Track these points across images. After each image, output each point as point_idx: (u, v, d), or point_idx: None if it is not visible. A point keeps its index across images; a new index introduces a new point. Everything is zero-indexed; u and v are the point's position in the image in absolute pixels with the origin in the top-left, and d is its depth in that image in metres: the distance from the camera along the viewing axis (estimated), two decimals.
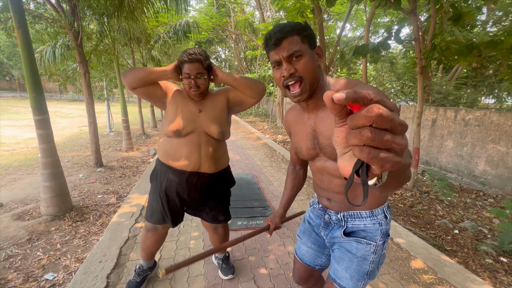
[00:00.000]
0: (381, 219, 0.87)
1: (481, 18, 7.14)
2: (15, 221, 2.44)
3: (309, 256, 1.07)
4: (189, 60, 1.24)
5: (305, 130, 0.88)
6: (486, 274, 1.94)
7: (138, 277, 1.58)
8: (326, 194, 0.93)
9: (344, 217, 0.91)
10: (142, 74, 1.27)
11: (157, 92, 1.34)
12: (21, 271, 1.81)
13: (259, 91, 1.34)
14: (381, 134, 0.27)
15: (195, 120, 1.32)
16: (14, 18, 2.21)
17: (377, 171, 0.30)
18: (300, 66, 0.75)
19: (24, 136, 6.93)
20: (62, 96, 26.89)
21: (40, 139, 2.47)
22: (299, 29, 0.76)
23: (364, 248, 0.87)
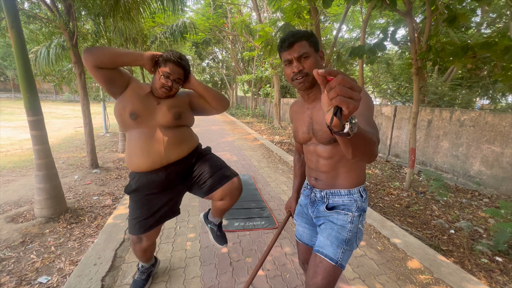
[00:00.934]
0: (356, 197, 1.05)
1: (475, 20, 7.23)
2: (9, 223, 2.41)
3: (306, 235, 1.21)
4: (178, 63, 1.24)
5: (303, 118, 1.08)
6: (482, 274, 1.95)
7: (143, 275, 1.59)
8: (314, 173, 1.12)
9: (326, 195, 1.08)
10: (114, 53, 1.17)
11: (119, 79, 1.25)
12: (14, 275, 1.78)
13: (224, 105, 1.43)
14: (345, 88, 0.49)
15: (152, 111, 1.27)
16: (8, 18, 2.19)
17: (346, 111, 0.51)
18: (307, 65, 0.96)
19: (18, 137, 6.85)
20: (58, 97, 26.66)
21: (34, 140, 2.43)
22: (308, 35, 0.97)
23: (343, 218, 1.03)
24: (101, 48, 1.18)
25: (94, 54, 1.14)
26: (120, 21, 3.76)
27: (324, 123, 0.97)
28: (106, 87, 1.25)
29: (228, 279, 1.71)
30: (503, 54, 2.79)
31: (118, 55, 1.18)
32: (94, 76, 1.20)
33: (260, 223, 2.45)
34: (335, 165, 1.03)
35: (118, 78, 1.24)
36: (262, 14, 10.63)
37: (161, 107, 1.29)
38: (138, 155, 1.27)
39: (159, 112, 1.29)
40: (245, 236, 2.24)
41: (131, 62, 1.24)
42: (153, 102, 1.30)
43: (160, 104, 1.30)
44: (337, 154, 1.00)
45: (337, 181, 1.05)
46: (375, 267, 1.88)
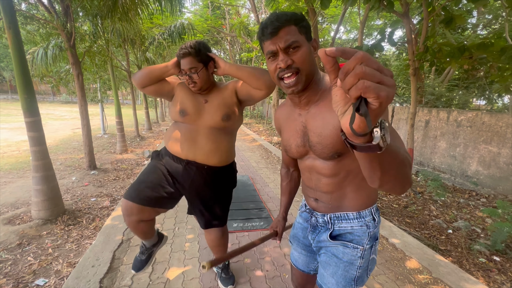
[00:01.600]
0: (369, 221, 0.83)
1: (471, 21, 7.30)
2: (5, 225, 2.39)
3: (302, 261, 1.04)
4: (182, 55, 1.21)
5: (296, 127, 0.85)
6: (480, 273, 1.96)
7: (142, 255, 1.51)
8: (313, 194, 0.91)
9: (330, 219, 0.87)
10: (146, 72, 1.28)
11: (165, 88, 1.34)
12: (11, 277, 1.76)
13: (265, 82, 1.20)
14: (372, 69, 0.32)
15: (200, 109, 1.29)
16: (5, 18, 2.18)
17: (375, 103, 0.32)
18: (298, 58, 0.72)
19: (15, 139, 6.80)
20: (55, 98, 26.53)
21: (32, 142, 2.42)
22: (297, 19, 0.72)
23: (351, 252, 0.83)
24: (139, 72, 1.31)
25: (135, 79, 1.31)
26: (118, 22, 3.75)
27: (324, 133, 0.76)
28: (161, 97, 1.42)
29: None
30: (499, 55, 2.81)
31: (150, 73, 1.28)
32: (146, 93, 1.36)
33: (258, 223, 2.45)
34: (341, 183, 0.82)
35: (162, 87, 1.34)
36: (260, 15, 10.66)
37: (209, 106, 1.29)
38: (174, 140, 1.32)
39: (208, 112, 1.28)
40: (243, 237, 2.23)
41: (162, 75, 1.29)
42: (201, 100, 1.30)
43: (208, 103, 1.29)
44: (342, 170, 0.80)
45: (344, 202, 0.84)
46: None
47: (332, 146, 0.75)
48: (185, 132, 1.30)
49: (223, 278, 1.64)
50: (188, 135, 1.29)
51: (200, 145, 1.29)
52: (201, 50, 1.21)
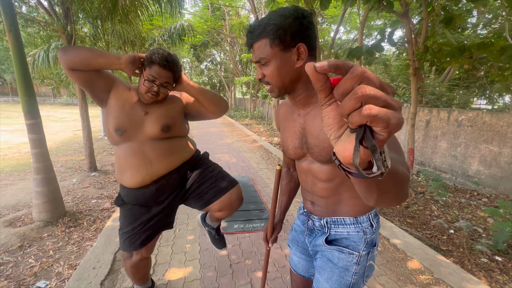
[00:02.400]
0: (366, 227, 0.82)
1: (471, 21, 7.29)
2: (6, 227, 2.39)
3: (302, 266, 1.01)
4: (163, 66, 1.09)
5: (294, 128, 0.83)
6: (482, 274, 1.96)
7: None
8: (309, 197, 0.89)
9: (327, 224, 0.85)
10: (88, 55, 1.06)
11: (99, 83, 1.13)
12: (12, 279, 1.76)
13: (222, 109, 1.26)
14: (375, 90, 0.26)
15: (139, 124, 1.15)
16: (5, 21, 2.19)
17: (383, 133, 0.27)
18: (267, 72, 0.73)
19: (16, 141, 6.81)
20: (56, 100, 26.60)
21: (32, 144, 2.42)
22: (271, 30, 0.69)
23: (346, 258, 0.82)
24: (76, 48, 1.10)
25: (67, 55, 1.05)
26: (118, 24, 3.77)
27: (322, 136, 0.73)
28: (86, 91, 1.14)
29: (228, 282, 1.70)
30: (500, 54, 2.81)
31: (92, 56, 1.06)
32: (70, 77, 1.11)
33: (259, 225, 2.45)
34: (337, 189, 0.80)
35: (96, 81, 1.12)
36: (260, 16, 10.67)
37: (149, 118, 1.16)
38: (127, 171, 1.18)
39: (147, 123, 1.16)
40: (244, 238, 2.23)
41: (107, 66, 1.09)
42: (140, 112, 1.16)
43: (148, 114, 1.16)
44: (339, 175, 0.78)
45: (340, 207, 0.82)
46: (375, 268, 1.88)
47: (330, 150, 0.72)
48: (132, 156, 1.16)
49: (216, 240, 1.52)
50: (137, 159, 1.16)
51: (155, 160, 1.18)
52: (180, 69, 1.17)
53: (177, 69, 1.14)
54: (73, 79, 1.10)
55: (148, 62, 1.10)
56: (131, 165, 1.16)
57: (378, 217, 0.86)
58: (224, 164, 4.77)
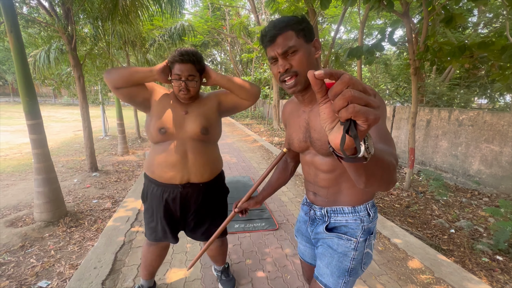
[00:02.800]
0: (363, 216, 0.88)
1: (472, 20, 7.28)
2: (8, 227, 2.40)
3: (308, 254, 1.08)
4: (181, 61, 1.15)
5: (299, 123, 0.90)
6: (483, 273, 1.95)
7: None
8: (312, 187, 0.96)
9: (327, 213, 0.92)
10: (126, 73, 1.18)
11: (140, 94, 1.24)
12: (14, 279, 1.77)
13: (254, 93, 1.27)
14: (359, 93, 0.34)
15: (180, 122, 1.22)
16: (6, 22, 2.19)
17: (364, 125, 0.35)
18: (295, 62, 0.77)
19: (17, 142, 6.83)
20: (57, 100, 26.65)
21: (33, 144, 2.43)
22: (294, 23, 0.77)
23: (345, 244, 0.88)
24: (117, 70, 1.20)
25: (110, 76, 1.17)
26: (118, 24, 3.77)
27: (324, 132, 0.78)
28: (130, 103, 1.26)
29: None
30: (500, 53, 2.80)
31: (130, 74, 1.18)
32: (116, 95, 1.27)
33: (260, 224, 2.45)
34: (337, 179, 0.87)
35: (137, 93, 1.22)
36: (260, 16, 10.67)
37: (189, 117, 1.23)
38: (163, 166, 1.23)
39: (188, 122, 1.23)
40: (245, 238, 2.23)
41: (143, 79, 1.20)
42: (181, 112, 1.23)
43: (188, 113, 1.24)
44: (339, 166, 0.84)
45: (339, 197, 0.89)
46: (376, 267, 1.88)
47: None
48: (171, 152, 1.22)
49: (223, 280, 1.64)
50: (176, 155, 1.22)
51: (192, 162, 1.24)
52: (201, 59, 1.21)
53: (196, 59, 1.18)
54: (118, 96, 1.23)
55: (170, 64, 1.19)
56: (169, 160, 1.22)
57: (376, 208, 0.92)
58: (224, 164, 4.78)
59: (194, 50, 1.20)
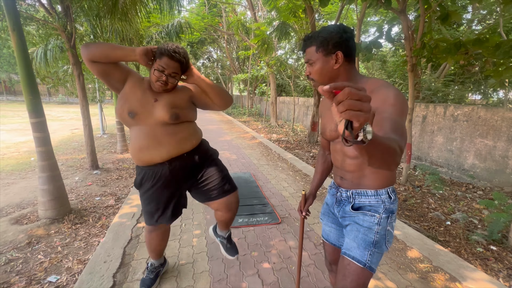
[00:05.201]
0: (384, 198, 0.98)
1: (466, 16, 7.37)
2: (13, 225, 2.42)
3: (333, 235, 1.18)
4: (171, 57, 1.20)
5: (330, 114, 1.03)
6: (478, 262, 2.04)
7: (151, 274, 1.60)
8: (339, 172, 1.08)
9: (352, 194, 1.03)
10: (107, 48, 1.19)
11: (116, 73, 1.27)
12: (23, 275, 1.80)
13: (227, 103, 1.39)
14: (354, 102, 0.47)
15: (149, 109, 1.27)
16: (9, 20, 2.19)
17: (356, 124, 0.49)
18: (313, 71, 0.97)
19: (13, 140, 6.77)
20: (51, 99, 26.28)
21: (37, 142, 2.44)
22: (317, 40, 0.94)
23: (369, 219, 0.98)
24: (97, 44, 1.22)
25: (88, 49, 1.18)
26: (117, 22, 3.76)
27: None
28: (103, 80, 1.27)
29: (236, 273, 1.76)
30: (494, 50, 2.88)
31: (110, 49, 1.19)
32: (90, 70, 1.24)
33: (263, 218, 2.51)
34: (361, 165, 0.98)
35: (113, 72, 1.25)
36: (257, 13, 10.66)
37: (158, 105, 1.27)
38: (139, 150, 1.29)
39: (157, 110, 1.26)
40: (249, 232, 2.29)
41: (123, 57, 1.21)
42: (151, 99, 1.27)
43: (158, 101, 1.27)
44: None
45: (364, 181, 1.00)
46: None
47: None
48: (145, 136, 1.28)
49: (228, 248, 1.66)
50: (150, 139, 1.27)
51: (166, 142, 1.29)
52: (188, 61, 1.26)
53: (185, 60, 1.24)
54: (93, 71, 1.24)
55: (158, 54, 1.21)
56: (143, 145, 1.28)
57: (396, 192, 1.03)
58: (225, 161, 4.81)
59: (185, 50, 1.27)
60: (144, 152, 1.29)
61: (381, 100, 0.83)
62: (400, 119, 0.80)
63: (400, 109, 0.81)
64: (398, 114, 0.80)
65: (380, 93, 0.85)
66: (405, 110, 0.84)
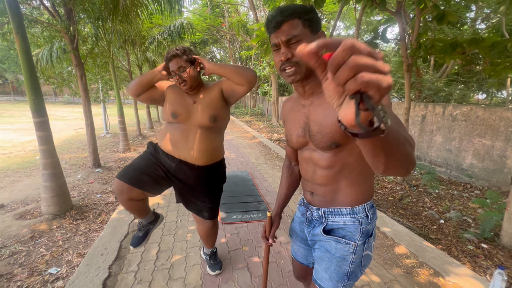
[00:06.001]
0: (361, 217, 0.85)
1: (470, 15, 7.31)
2: (17, 220, 2.52)
3: (301, 254, 1.06)
4: (169, 59, 1.32)
5: (298, 117, 0.88)
6: (467, 259, 2.07)
7: (140, 232, 1.60)
8: (309, 186, 0.93)
9: (324, 214, 0.89)
10: (137, 81, 1.39)
11: (156, 93, 1.44)
12: (26, 266, 1.89)
13: (247, 77, 1.30)
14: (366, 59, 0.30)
15: (190, 110, 1.38)
16: (13, 24, 2.29)
17: (376, 96, 0.31)
18: None
19: (20, 140, 6.96)
20: (57, 99, 26.73)
21: (40, 141, 2.54)
22: (301, 12, 0.74)
23: (343, 248, 0.85)
24: (131, 82, 1.42)
25: (129, 89, 1.42)
26: (119, 24, 3.86)
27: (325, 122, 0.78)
28: (155, 104, 1.50)
29: (226, 266, 1.83)
30: (490, 50, 2.89)
31: (141, 81, 1.38)
32: (142, 102, 1.49)
33: (257, 215, 2.57)
34: (335, 176, 0.84)
35: (154, 94, 1.44)
36: (259, 13, 10.72)
37: (197, 107, 1.38)
38: (167, 140, 1.42)
39: (196, 112, 1.38)
40: (242, 228, 2.36)
41: (152, 80, 1.38)
42: (190, 101, 1.40)
43: (197, 103, 1.39)
44: (338, 162, 0.81)
45: (337, 196, 0.86)
46: None
47: (331, 136, 0.77)
48: (178, 132, 1.39)
49: (212, 264, 1.76)
50: (180, 135, 1.39)
51: (191, 144, 1.38)
52: (186, 51, 1.34)
53: (180, 52, 1.32)
54: (143, 101, 1.48)
55: (166, 63, 1.36)
56: (173, 138, 1.41)
57: (375, 208, 0.90)
58: None
59: (180, 45, 1.37)
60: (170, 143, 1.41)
61: None
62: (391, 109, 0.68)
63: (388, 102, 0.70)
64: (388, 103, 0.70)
65: None
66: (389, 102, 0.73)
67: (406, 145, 0.47)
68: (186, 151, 1.39)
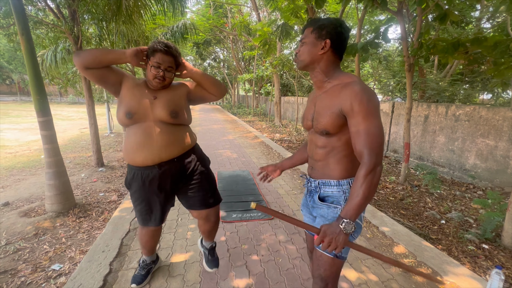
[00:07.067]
0: (345, 188, 1.03)
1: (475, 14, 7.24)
2: (22, 217, 2.57)
3: None
4: (165, 52, 1.25)
5: (311, 105, 1.11)
6: (467, 260, 2.06)
7: (142, 270, 1.65)
8: (311, 162, 1.15)
9: (319, 184, 1.09)
10: (99, 53, 1.25)
11: (111, 77, 1.31)
12: (30, 263, 1.93)
13: (222, 91, 1.44)
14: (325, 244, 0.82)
15: (148, 106, 1.29)
16: (18, 25, 2.34)
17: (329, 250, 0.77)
18: (301, 50, 1.03)
19: (26, 139, 7.07)
20: (62, 99, 27.05)
21: (44, 140, 2.59)
22: (315, 24, 1.00)
23: (332, 212, 1.04)
24: (88, 50, 1.26)
25: (80, 56, 1.23)
26: (122, 25, 3.91)
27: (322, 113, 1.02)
28: (101, 86, 1.34)
29: (225, 263, 1.85)
30: (493, 49, 2.87)
31: (102, 54, 1.25)
32: (86, 76, 1.29)
33: (256, 214, 2.59)
34: (327, 155, 1.04)
35: (108, 75, 1.30)
36: (262, 14, 10.74)
37: (158, 102, 1.31)
38: (133, 149, 1.30)
39: (156, 107, 1.30)
40: (242, 227, 2.37)
41: (115, 61, 1.26)
42: (150, 96, 1.31)
43: (157, 99, 1.31)
44: (329, 144, 1.02)
45: (328, 171, 1.05)
46: (361, 253, 2.00)
47: (324, 125, 1.00)
48: (139, 133, 1.29)
49: (209, 260, 1.72)
50: (143, 135, 1.29)
51: (157, 141, 1.30)
52: (180, 55, 1.33)
53: (178, 54, 1.31)
54: (88, 77, 1.28)
55: (151, 52, 1.27)
56: (137, 143, 1.29)
57: None
58: (225, 159, 4.92)
59: (174, 45, 1.33)
60: (137, 151, 1.29)
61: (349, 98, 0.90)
62: (368, 123, 0.88)
63: (366, 111, 0.88)
64: (364, 118, 0.88)
65: (348, 88, 0.92)
66: (372, 108, 0.88)
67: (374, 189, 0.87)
68: (156, 150, 1.30)
